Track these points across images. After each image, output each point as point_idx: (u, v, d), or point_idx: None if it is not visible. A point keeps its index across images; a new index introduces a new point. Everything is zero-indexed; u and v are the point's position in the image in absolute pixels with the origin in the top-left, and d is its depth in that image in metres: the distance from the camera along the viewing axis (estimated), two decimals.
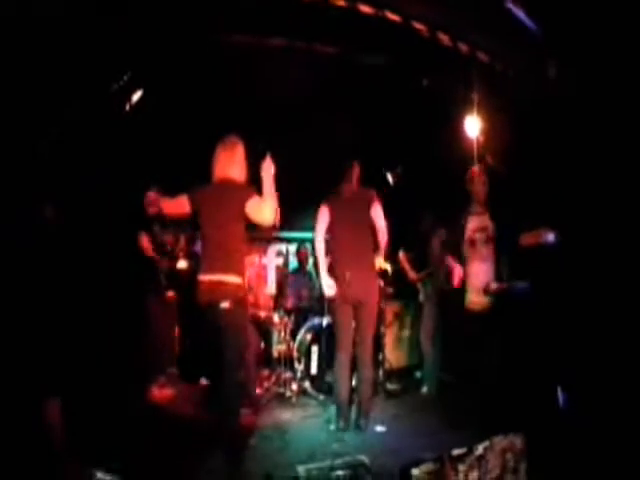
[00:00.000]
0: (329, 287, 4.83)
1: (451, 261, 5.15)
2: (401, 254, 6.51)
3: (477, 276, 4.96)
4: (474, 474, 3.47)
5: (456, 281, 5.05)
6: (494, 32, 5.20)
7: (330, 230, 4.96)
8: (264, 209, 3.89)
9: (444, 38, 5.41)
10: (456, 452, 3.45)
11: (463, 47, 5.44)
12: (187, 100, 6.06)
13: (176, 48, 5.45)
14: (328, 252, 4.99)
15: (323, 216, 4.94)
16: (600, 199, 4.51)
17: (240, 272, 3.97)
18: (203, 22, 5.22)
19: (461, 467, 3.42)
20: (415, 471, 3.21)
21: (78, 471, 3.33)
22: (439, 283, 6.18)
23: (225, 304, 3.86)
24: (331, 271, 4.91)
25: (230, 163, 4.13)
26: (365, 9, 5.21)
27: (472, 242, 5.00)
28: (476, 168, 5.14)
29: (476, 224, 5.02)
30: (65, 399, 4.05)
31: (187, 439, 4.52)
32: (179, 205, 4.08)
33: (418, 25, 5.30)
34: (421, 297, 6.44)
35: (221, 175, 4.12)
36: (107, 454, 3.78)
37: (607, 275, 4.36)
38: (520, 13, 4.75)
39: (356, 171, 5.08)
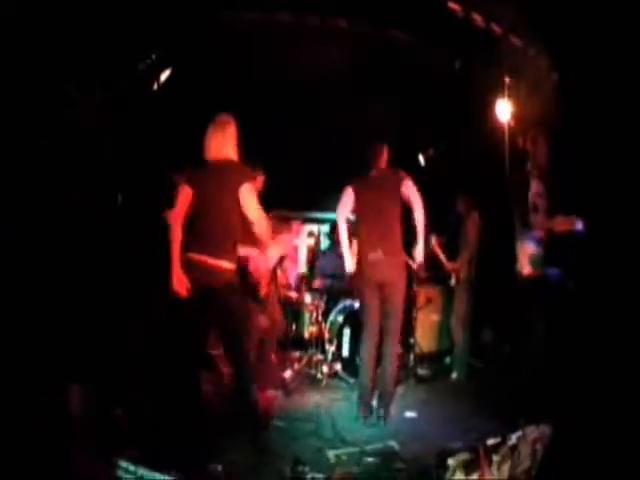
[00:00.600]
0: (352, 266, 4.83)
1: None
2: (434, 239, 6.37)
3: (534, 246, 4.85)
4: (506, 465, 3.44)
5: None
6: (527, 15, 5.09)
7: (356, 212, 4.89)
8: (253, 211, 3.85)
9: (478, 19, 5.33)
10: (491, 442, 3.42)
11: (496, 29, 5.37)
12: (211, 81, 6.04)
13: (203, 26, 5.45)
14: (354, 234, 4.95)
15: (347, 197, 4.86)
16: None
17: (233, 258, 3.88)
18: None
19: (495, 458, 3.39)
20: (451, 461, 3.19)
21: (99, 459, 3.32)
22: (473, 269, 6.14)
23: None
24: (358, 253, 4.85)
25: (223, 142, 4.00)
26: None
27: (535, 208, 4.77)
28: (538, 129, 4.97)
29: (539, 189, 4.79)
30: (87, 385, 4.09)
31: (212, 422, 4.39)
32: (185, 199, 3.92)
33: (453, 5, 5.24)
34: (453, 281, 6.36)
35: (215, 155, 4.00)
36: (130, 441, 3.74)
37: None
38: None
39: (385, 153, 4.98)
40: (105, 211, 4.96)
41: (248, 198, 3.83)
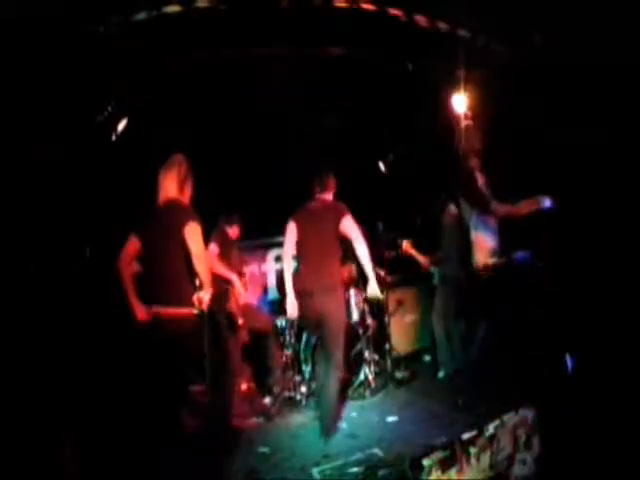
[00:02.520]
0: (293, 307, 4.69)
1: None
2: (405, 244, 6.33)
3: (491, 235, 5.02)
4: (486, 455, 3.46)
5: None
6: (472, 7, 5.16)
7: (297, 245, 4.80)
8: (195, 251, 3.82)
9: (421, 20, 5.39)
10: (466, 436, 3.43)
11: (442, 26, 5.42)
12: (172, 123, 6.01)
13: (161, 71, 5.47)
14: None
15: (290, 234, 4.80)
16: (590, 163, 4.52)
17: (187, 301, 3.82)
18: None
19: (473, 450, 3.41)
20: (426, 461, 3.19)
21: None
22: (456, 264, 6.10)
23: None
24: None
25: (172, 182, 4.00)
26: (339, 2, 5.22)
27: (487, 196, 4.98)
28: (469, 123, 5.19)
29: (482, 180, 5.00)
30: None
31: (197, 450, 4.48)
32: (131, 249, 3.94)
33: (394, 11, 5.29)
34: (435, 280, 6.32)
35: (164, 196, 3.99)
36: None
37: (607, 236, 4.38)
38: None
39: (330, 183, 4.95)
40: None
41: (191, 237, 3.81)
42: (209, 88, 6.00)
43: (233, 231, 5.73)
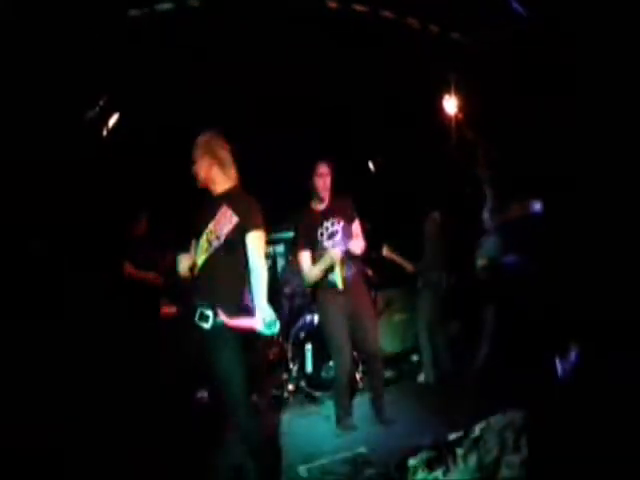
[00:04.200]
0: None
1: None
2: (385, 250, 6.27)
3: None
4: (472, 457, 3.46)
5: None
6: (464, 10, 5.16)
7: None
8: None
9: (413, 22, 5.38)
10: (452, 437, 3.44)
11: (433, 28, 5.42)
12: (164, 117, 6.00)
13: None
14: None
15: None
16: (580, 168, 4.52)
17: None
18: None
19: (459, 451, 3.41)
20: (412, 461, 3.20)
21: None
22: (439, 270, 6.11)
23: None
24: None
25: None
26: (332, 4, 5.21)
27: (489, 210, 5.03)
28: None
29: (490, 191, 5.06)
30: None
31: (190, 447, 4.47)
32: None
33: (385, 13, 5.29)
34: (419, 283, 6.26)
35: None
36: None
37: (598, 240, 4.35)
38: None
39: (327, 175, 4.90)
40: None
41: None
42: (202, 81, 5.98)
43: None
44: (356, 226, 4.98)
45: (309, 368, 5.78)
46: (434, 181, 6.42)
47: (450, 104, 5.99)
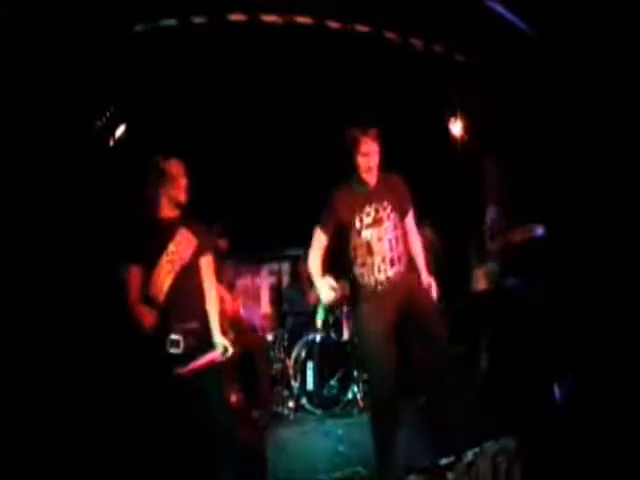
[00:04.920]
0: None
1: None
2: None
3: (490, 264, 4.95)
4: None
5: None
6: (467, 30, 5.22)
7: None
8: None
9: (417, 43, 5.44)
10: (444, 461, 3.48)
11: (437, 48, 5.47)
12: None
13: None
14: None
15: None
16: (586, 190, 4.52)
17: None
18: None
19: (450, 476, 3.45)
20: None
21: None
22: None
23: None
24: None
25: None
26: (333, 25, 5.28)
27: (492, 236, 4.91)
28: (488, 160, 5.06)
29: (494, 215, 4.93)
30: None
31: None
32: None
33: (389, 34, 5.36)
34: None
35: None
36: None
37: (601, 262, 4.32)
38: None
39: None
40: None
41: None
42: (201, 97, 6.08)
43: (222, 243, 5.81)
44: (411, 217, 4.04)
45: (310, 386, 5.86)
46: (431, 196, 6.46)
47: (453, 124, 6.03)
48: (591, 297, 4.36)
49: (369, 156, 3.77)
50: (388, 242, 3.78)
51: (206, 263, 3.65)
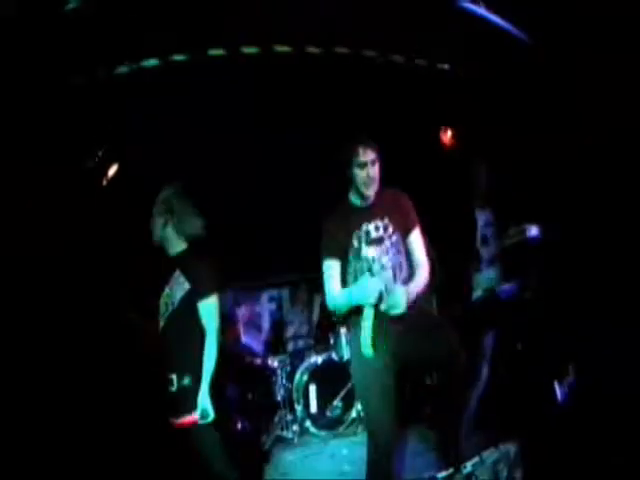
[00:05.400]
0: None
1: None
2: None
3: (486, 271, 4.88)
4: None
5: None
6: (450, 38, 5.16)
7: None
8: None
9: (398, 59, 5.48)
10: (442, 474, 3.50)
11: (420, 62, 5.49)
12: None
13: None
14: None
15: None
16: (582, 190, 4.49)
17: None
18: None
19: None
20: None
21: None
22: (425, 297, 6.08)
23: None
24: None
25: None
26: (311, 49, 5.34)
27: (484, 240, 4.84)
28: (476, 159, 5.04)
29: (486, 219, 4.87)
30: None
31: None
32: None
33: (368, 52, 5.40)
34: None
35: None
36: None
37: (596, 265, 4.34)
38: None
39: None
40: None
41: None
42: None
43: None
44: (416, 236, 3.70)
45: (313, 408, 5.88)
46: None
47: (441, 132, 6.07)
48: (590, 296, 4.37)
49: (367, 167, 3.51)
50: (390, 263, 3.53)
51: (202, 309, 3.48)
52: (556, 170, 4.68)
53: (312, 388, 5.90)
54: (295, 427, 5.87)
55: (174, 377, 3.45)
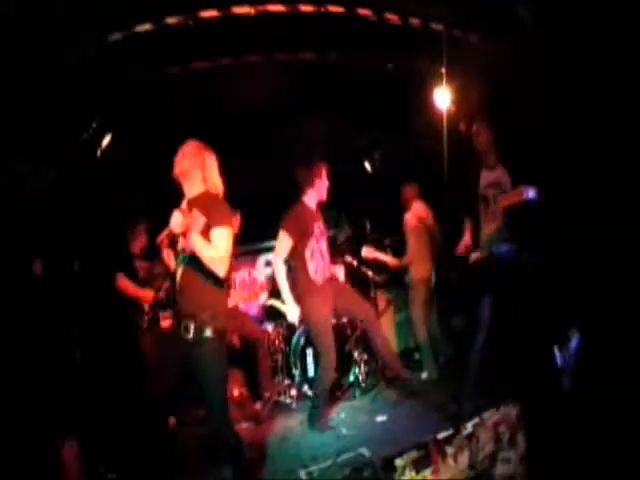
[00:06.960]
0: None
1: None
2: (364, 251, 6.12)
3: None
4: (464, 455, 3.45)
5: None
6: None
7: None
8: None
9: (392, 18, 5.38)
10: (442, 435, 3.45)
11: (414, 22, 5.40)
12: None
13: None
14: None
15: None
16: (577, 152, 4.46)
17: None
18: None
19: (449, 450, 3.41)
20: (399, 461, 3.21)
21: None
22: (427, 265, 6.13)
23: None
24: None
25: None
26: (306, 8, 5.23)
27: (485, 199, 4.81)
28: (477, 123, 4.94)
29: (488, 179, 4.83)
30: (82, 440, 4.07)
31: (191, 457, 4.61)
32: None
33: (363, 11, 5.29)
34: (406, 279, 6.24)
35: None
36: None
37: (596, 226, 4.30)
38: None
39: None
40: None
41: None
42: (194, 94, 6.02)
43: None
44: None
45: (311, 373, 5.87)
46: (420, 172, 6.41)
47: (444, 97, 5.95)
48: (588, 258, 4.34)
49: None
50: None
51: (215, 236, 3.48)
52: (556, 130, 4.65)
53: (309, 351, 5.86)
54: (293, 392, 5.86)
55: (190, 324, 3.43)
